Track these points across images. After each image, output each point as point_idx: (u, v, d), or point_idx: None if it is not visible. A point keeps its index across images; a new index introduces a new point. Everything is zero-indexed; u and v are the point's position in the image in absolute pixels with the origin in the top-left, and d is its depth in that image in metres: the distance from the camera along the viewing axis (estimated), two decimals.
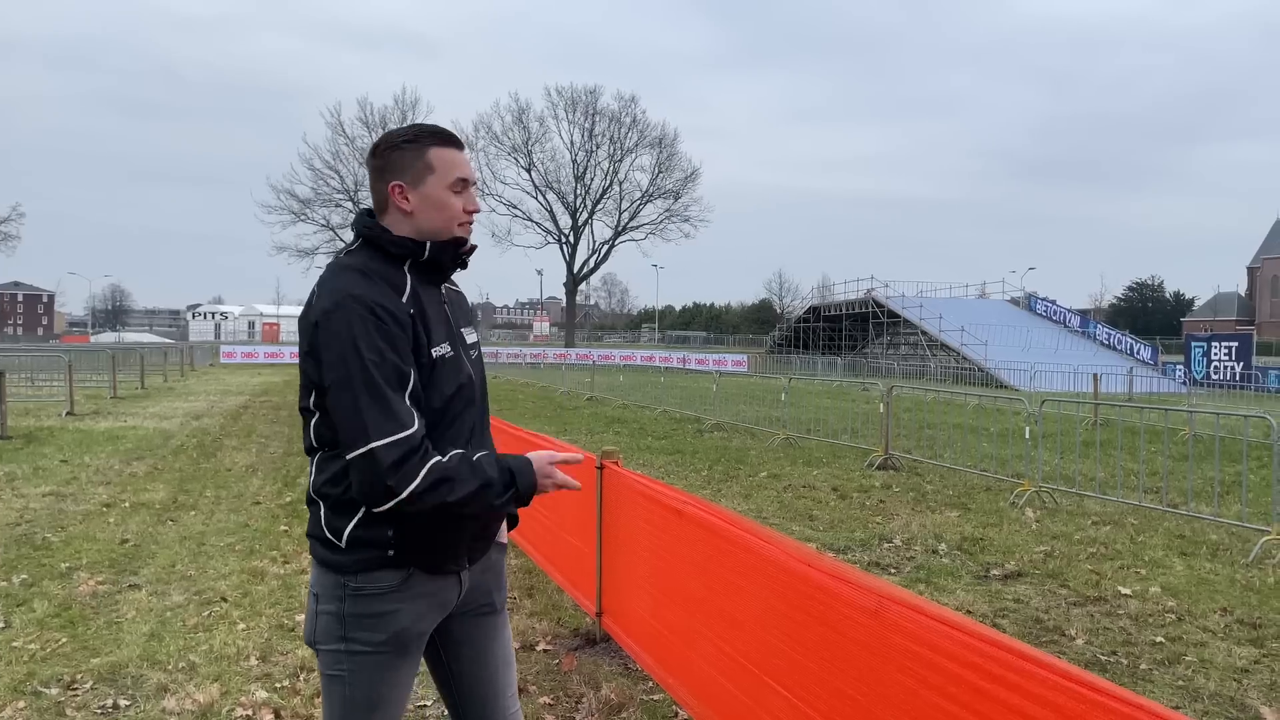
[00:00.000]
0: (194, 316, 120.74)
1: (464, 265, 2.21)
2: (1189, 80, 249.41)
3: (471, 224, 2.19)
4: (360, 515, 2.01)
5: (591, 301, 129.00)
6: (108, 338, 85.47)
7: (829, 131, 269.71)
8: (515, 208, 65.69)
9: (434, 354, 2.03)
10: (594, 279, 78.49)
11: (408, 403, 1.93)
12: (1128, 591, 6.11)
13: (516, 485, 2.03)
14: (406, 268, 2.08)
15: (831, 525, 8.15)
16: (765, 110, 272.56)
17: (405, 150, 2.09)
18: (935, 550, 7.24)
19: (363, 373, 1.90)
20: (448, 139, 2.15)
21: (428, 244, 2.08)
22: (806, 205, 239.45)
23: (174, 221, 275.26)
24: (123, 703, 3.97)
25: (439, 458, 1.94)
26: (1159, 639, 5.17)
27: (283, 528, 7.51)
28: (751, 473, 11.09)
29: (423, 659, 2.26)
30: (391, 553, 2.02)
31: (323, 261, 62.72)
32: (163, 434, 14.30)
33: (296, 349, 2.20)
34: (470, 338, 2.25)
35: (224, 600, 5.46)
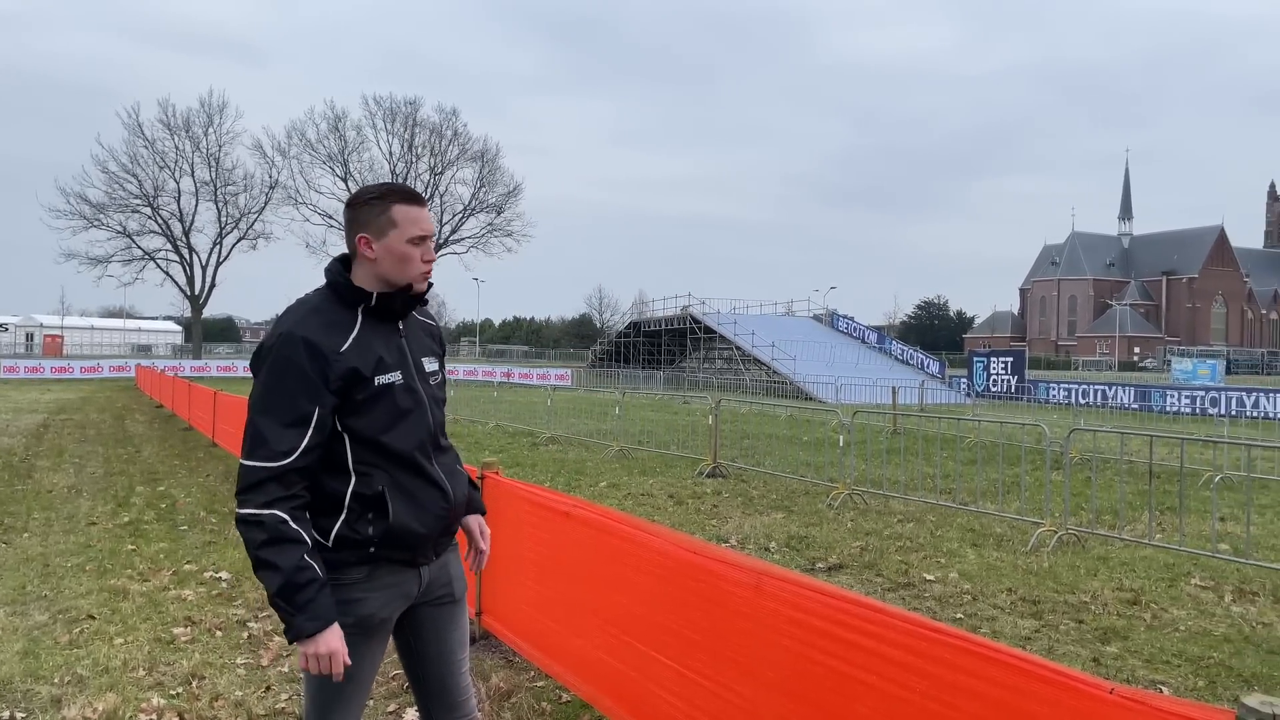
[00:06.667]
0: None
1: (418, 306, 2.58)
2: (973, 120, 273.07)
3: (430, 272, 2.54)
4: (344, 516, 2.37)
5: None
6: None
7: (650, 154, 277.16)
8: (331, 218, 63.51)
9: (377, 382, 2.37)
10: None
11: (299, 437, 2.27)
12: (931, 578, 7.03)
13: (295, 613, 2.21)
14: (360, 310, 2.44)
15: (673, 529, 8.75)
16: (591, 131, 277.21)
17: (373, 206, 2.44)
18: (767, 548, 7.99)
19: (261, 400, 2.29)
20: (411, 197, 2.50)
21: (374, 294, 2.44)
22: (626, 223, 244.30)
23: None
24: (19, 715, 4.02)
25: (284, 516, 2.23)
26: (959, 615, 6.05)
27: (130, 547, 7.39)
28: (592, 483, 11.62)
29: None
30: (373, 549, 2.38)
31: (117, 269, 58.58)
32: None
33: (86, 364, 2.58)
34: (430, 366, 2.59)
35: (92, 618, 5.45)
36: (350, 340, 2.36)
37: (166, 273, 60.17)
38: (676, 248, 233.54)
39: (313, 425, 2.28)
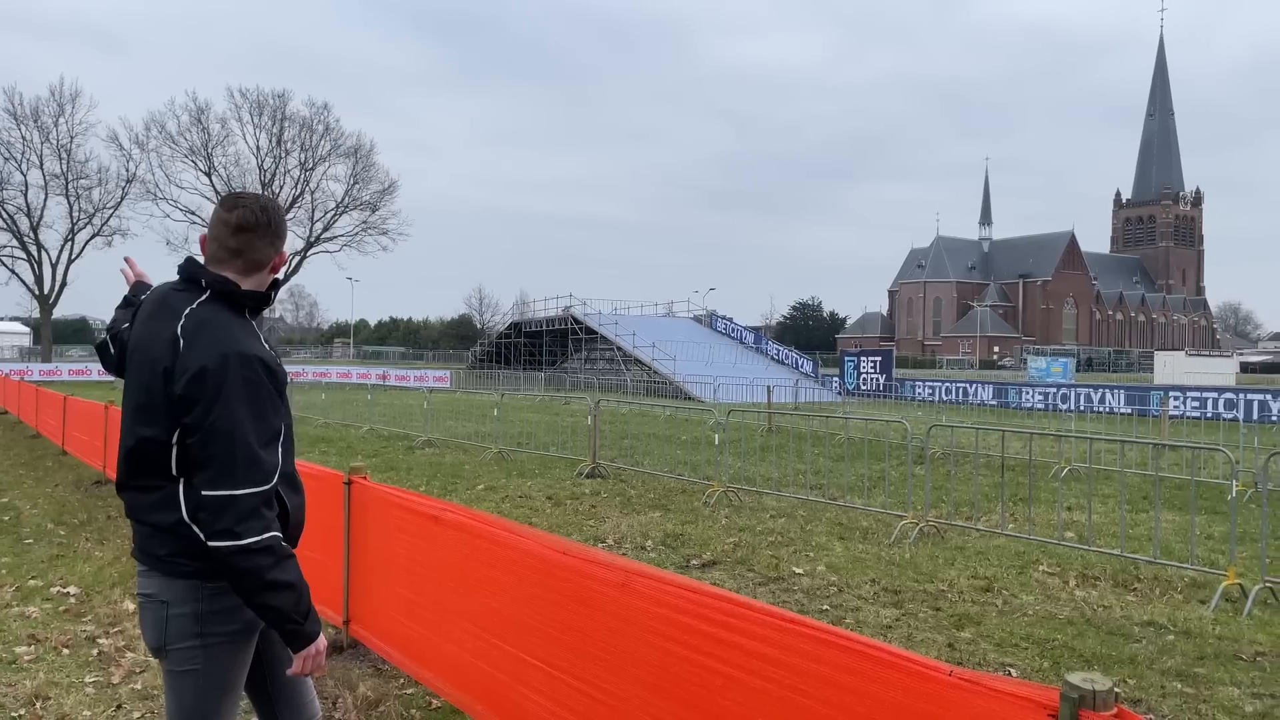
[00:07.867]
0: None
1: None
2: (847, 127, 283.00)
3: None
4: None
5: (277, 314, 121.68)
6: None
7: (533, 154, 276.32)
8: (194, 214, 60.70)
9: (288, 383, 2.42)
10: (280, 291, 74.12)
11: (276, 454, 2.26)
12: (800, 571, 7.23)
13: (305, 621, 2.27)
14: (246, 316, 2.38)
15: (549, 530, 8.75)
16: (472, 130, 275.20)
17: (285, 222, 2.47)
18: (644, 546, 8.07)
19: (240, 424, 2.17)
20: None
21: (272, 294, 2.43)
22: (508, 223, 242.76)
23: None
24: None
25: (279, 534, 2.22)
26: (825, 607, 6.26)
27: None
28: (469, 486, 11.49)
29: None
30: None
31: None
32: None
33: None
34: None
35: None
36: (268, 348, 2.35)
37: (12, 270, 56.48)
38: (558, 248, 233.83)
39: (280, 440, 2.29)
